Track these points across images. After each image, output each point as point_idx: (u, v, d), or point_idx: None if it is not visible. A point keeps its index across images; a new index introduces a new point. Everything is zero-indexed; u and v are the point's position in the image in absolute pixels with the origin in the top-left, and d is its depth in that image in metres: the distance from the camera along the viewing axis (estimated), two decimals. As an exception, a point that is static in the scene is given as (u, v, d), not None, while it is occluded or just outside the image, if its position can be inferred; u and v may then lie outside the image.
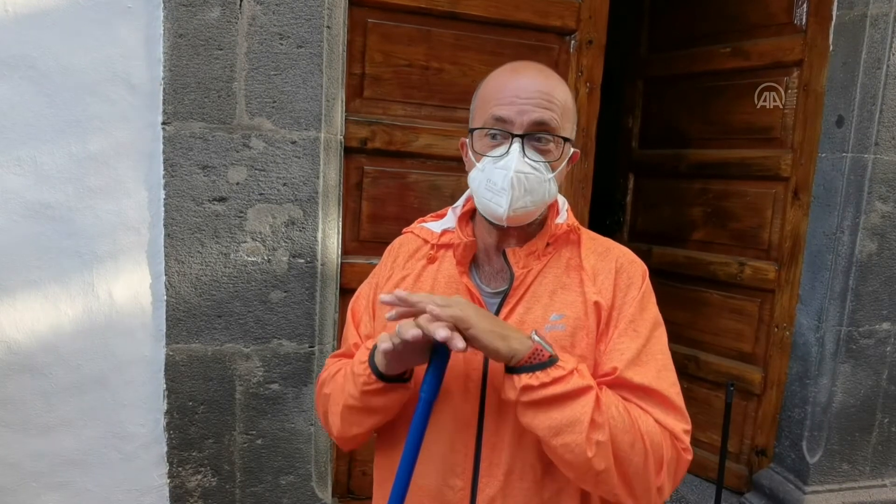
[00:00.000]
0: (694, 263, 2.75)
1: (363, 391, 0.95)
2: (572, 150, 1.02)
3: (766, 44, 2.44)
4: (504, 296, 1.00)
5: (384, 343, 0.87)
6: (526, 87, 0.95)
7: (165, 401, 1.87)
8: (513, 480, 0.96)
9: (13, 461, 1.81)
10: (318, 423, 1.95)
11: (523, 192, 0.94)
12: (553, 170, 0.97)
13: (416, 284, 1.05)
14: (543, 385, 0.86)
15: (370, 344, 0.99)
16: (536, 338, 0.88)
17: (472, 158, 1.01)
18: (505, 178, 0.93)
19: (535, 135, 0.95)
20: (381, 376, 0.93)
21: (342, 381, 1.02)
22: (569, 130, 0.99)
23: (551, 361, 0.87)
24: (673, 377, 0.98)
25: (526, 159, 0.94)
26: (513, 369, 0.88)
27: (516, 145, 0.94)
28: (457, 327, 0.84)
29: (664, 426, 0.93)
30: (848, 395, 2.31)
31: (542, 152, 0.96)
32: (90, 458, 1.86)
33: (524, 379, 0.87)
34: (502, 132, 0.95)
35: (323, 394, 1.10)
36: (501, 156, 0.95)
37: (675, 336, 1.06)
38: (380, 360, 0.93)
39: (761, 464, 2.55)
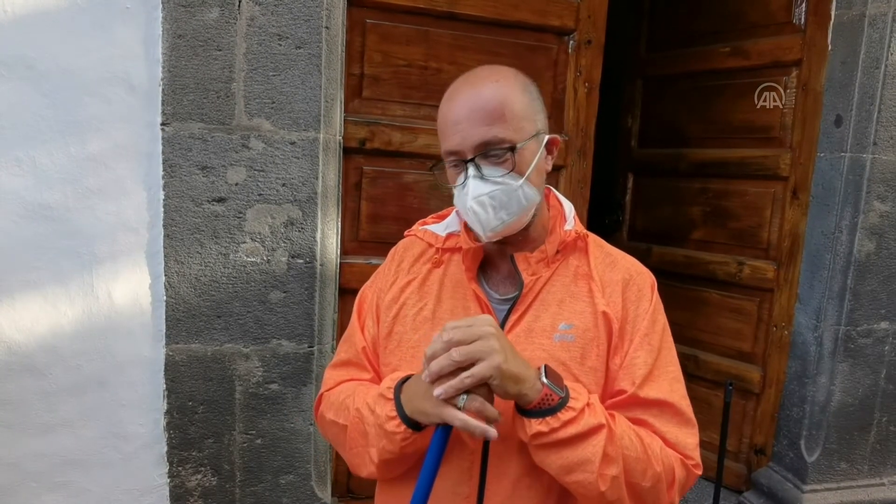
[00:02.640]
0: (693, 263, 2.75)
1: (402, 447, 0.92)
2: (546, 137, 0.98)
3: (766, 43, 2.44)
4: (513, 303, 1.00)
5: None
6: (461, 112, 0.92)
7: (165, 401, 1.87)
8: (521, 489, 0.96)
9: (13, 461, 1.81)
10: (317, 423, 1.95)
11: (494, 211, 0.93)
12: (521, 174, 0.93)
13: (422, 288, 1.05)
14: (553, 430, 0.86)
15: (387, 386, 0.95)
16: (546, 380, 0.86)
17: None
18: (469, 206, 0.93)
19: (486, 153, 0.92)
20: (416, 427, 0.91)
21: (359, 422, 0.97)
22: (526, 130, 0.94)
23: (561, 404, 0.86)
24: (683, 389, 0.99)
25: (484, 181, 0.92)
26: (523, 411, 0.88)
27: (471, 170, 0.92)
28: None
29: (675, 444, 0.94)
30: (846, 395, 2.32)
31: (500, 164, 0.93)
32: (90, 458, 1.87)
33: (534, 426, 0.86)
34: (458, 161, 0.95)
35: (332, 421, 1.04)
36: (463, 183, 0.95)
37: (675, 335, 1.06)
38: (410, 409, 0.90)
39: (760, 463, 2.55)
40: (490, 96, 0.93)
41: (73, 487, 1.87)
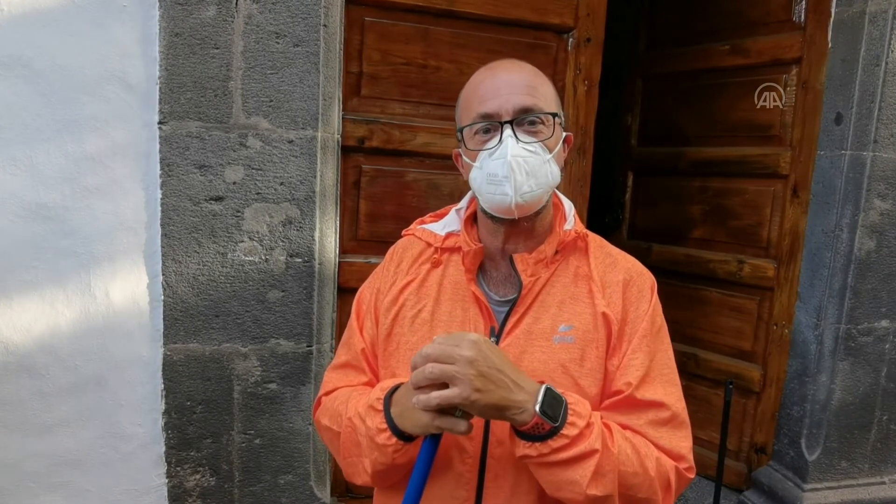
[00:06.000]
0: (693, 261, 2.75)
1: (394, 458, 0.92)
2: (564, 133, 1.02)
3: (766, 41, 2.43)
4: (512, 304, 0.99)
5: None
6: (505, 80, 0.96)
7: (163, 401, 1.86)
8: (519, 493, 0.95)
9: (11, 462, 1.81)
10: (316, 423, 1.95)
11: (526, 176, 0.93)
12: (550, 150, 0.96)
13: (420, 290, 1.04)
14: (542, 455, 0.85)
15: (377, 397, 0.94)
16: (538, 409, 0.83)
17: (468, 159, 1.00)
18: (505, 166, 0.93)
19: (524, 118, 0.95)
20: (408, 438, 0.90)
21: (351, 432, 0.96)
22: (555, 111, 0.99)
23: (553, 432, 0.84)
24: (679, 392, 0.99)
25: (520, 144, 0.94)
26: (515, 430, 0.87)
27: (508, 131, 0.94)
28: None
29: (670, 450, 0.94)
30: (847, 393, 2.31)
31: (534, 133, 0.96)
32: (88, 459, 1.86)
33: (522, 448, 0.86)
34: (492, 123, 0.96)
35: (326, 427, 1.04)
36: (496, 146, 0.95)
37: (675, 334, 1.05)
38: (401, 422, 0.90)
39: (760, 461, 2.55)
40: (528, 74, 0.98)
41: (71, 488, 1.86)
